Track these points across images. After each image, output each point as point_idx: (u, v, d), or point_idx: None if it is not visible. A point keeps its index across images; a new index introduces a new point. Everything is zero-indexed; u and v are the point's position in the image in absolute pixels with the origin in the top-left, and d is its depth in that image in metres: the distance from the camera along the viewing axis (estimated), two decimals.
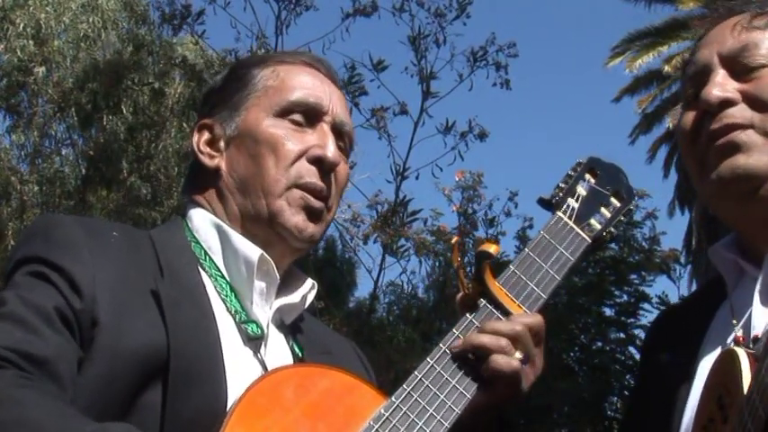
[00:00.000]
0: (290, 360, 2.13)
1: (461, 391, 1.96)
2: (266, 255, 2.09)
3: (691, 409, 1.97)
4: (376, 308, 17.93)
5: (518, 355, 1.98)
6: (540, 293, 2.11)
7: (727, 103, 2.00)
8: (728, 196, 2.02)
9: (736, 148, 1.98)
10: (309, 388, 1.92)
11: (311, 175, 2.15)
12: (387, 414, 1.90)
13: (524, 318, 2.03)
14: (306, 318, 2.27)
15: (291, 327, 2.20)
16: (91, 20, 17.73)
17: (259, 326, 2.06)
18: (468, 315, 2.06)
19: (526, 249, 2.16)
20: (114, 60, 17.34)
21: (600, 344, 18.30)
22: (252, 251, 2.09)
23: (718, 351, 1.97)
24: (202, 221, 2.17)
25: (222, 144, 2.21)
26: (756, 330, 1.90)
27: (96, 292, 1.89)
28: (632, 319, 18.13)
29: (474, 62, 15.48)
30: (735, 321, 1.98)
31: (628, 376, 17.03)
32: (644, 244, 18.29)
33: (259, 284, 2.09)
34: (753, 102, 2.00)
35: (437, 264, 16.85)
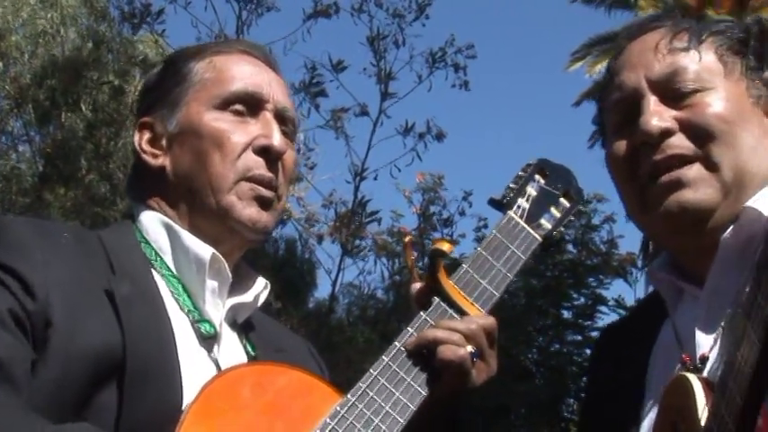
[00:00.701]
0: (243, 359, 2.12)
1: (416, 388, 1.97)
2: (218, 253, 2.07)
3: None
4: (335, 308, 17.94)
5: (469, 348, 1.99)
6: (493, 291, 2.12)
7: (666, 133, 1.97)
8: (676, 231, 2.00)
9: (682, 183, 1.95)
10: (266, 386, 1.92)
11: (259, 166, 2.12)
12: (343, 411, 1.90)
13: (480, 318, 2.04)
14: (259, 316, 2.25)
15: (244, 326, 2.19)
16: (49, 15, 17.58)
17: (212, 325, 2.05)
18: (422, 313, 2.06)
19: (479, 248, 2.17)
20: (73, 57, 17.21)
21: (557, 346, 18.42)
22: (203, 250, 2.07)
23: (666, 373, 1.96)
24: (151, 222, 2.13)
25: (164, 142, 2.17)
26: (702, 349, 1.90)
27: (49, 293, 1.85)
28: (589, 322, 18.27)
29: (433, 63, 15.56)
30: (679, 343, 1.97)
31: (584, 378, 17.13)
32: (602, 247, 18.45)
33: (211, 283, 2.07)
34: (691, 131, 1.97)
35: (395, 264, 16.89)
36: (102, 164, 17.15)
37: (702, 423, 1.62)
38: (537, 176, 2.31)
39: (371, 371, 1.97)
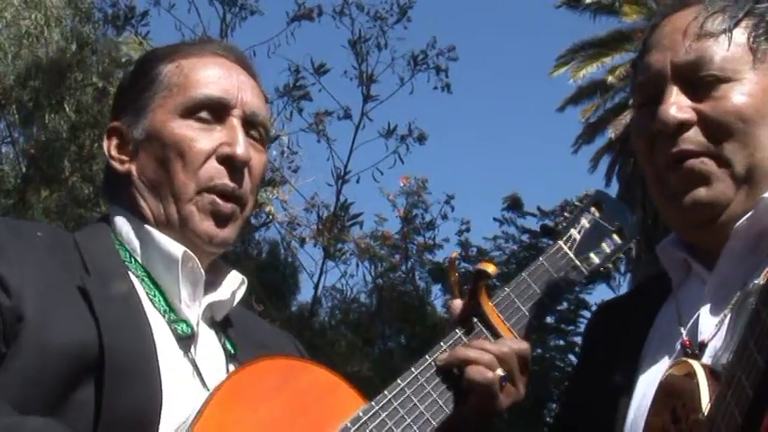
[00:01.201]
0: (222, 358, 2.11)
1: (441, 405, 1.98)
2: (189, 251, 2.06)
3: (634, 411, 1.97)
4: (317, 312, 17.91)
5: (500, 371, 1.99)
6: (531, 319, 2.12)
7: (683, 126, 1.96)
8: (689, 224, 2.02)
9: (697, 178, 1.96)
10: (292, 381, 1.92)
11: (221, 176, 2.10)
12: (365, 417, 1.91)
13: (513, 343, 2.05)
14: (239, 313, 2.24)
15: (223, 323, 2.18)
16: (33, 17, 17.48)
17: (189, 325, 2.04)
18: (457, 331, 2.07)
19: (523, 274, 2.18)
20: (57, 58, 17.13)
21: (540, 351, 18.45)
22: (175, 248, 2.06)
23: (663, 354, 1.98)
24: (124, 224, 2.12)
25: (131, 148, 2.16)
26: (703, 336, 1.91)
27: (23, 289, 1.85)
28: (572, 327, 18.34)
29: (415, 66, 15.56)
30: (681, 326, 1.98)
31: (567, 383, 17.17)
32: None
33: (185, 282, 2.06)
34: (708, 126, 1.96)
35: (377, 268, 16.87)
36: (85, 166, 17.07)
37: (705, 412, 1.62)
38: (593, 209, 2.31)
39: (399, 381, 1.98)
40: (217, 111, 2.14)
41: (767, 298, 1.44)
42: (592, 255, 2.26)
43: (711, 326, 1.91)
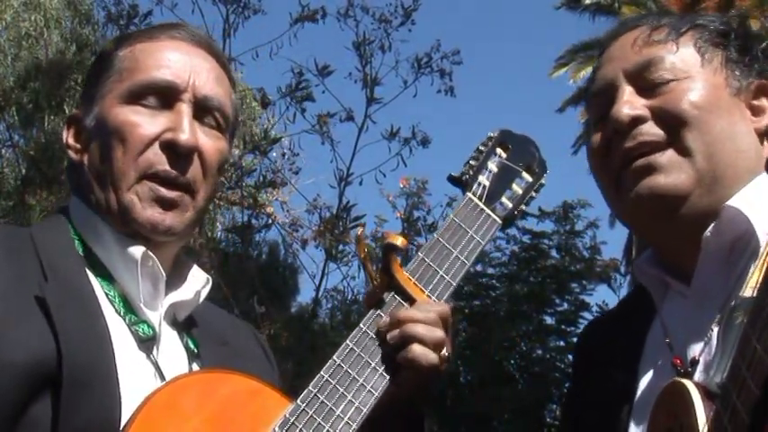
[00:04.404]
0: (184, 359, 2.05)
1: (369, 389, 1.92)
2: (149, 252, 1.99)
3: None
4: (318, 313, 17.92)
5: (445, 352, 1.95)
6: (450, 281, 2.05)
7: (637, 121, 1.98)
8: (647, 215, 1.99)
9: (654, 168, 1.95)
10: (211, 395, 1.87)
11: (162, 162, 2.01)
12: (293, 419, 1.86)
13: (435, 306, 1.99)
14: (201, 307, 2.17)
15: (185, 321, 2.12)
16: (33, 18, 17.50)
17: (150, 326, 1.98)
18: (375, 310, 2.01)
19: (435, 235, 2.10)
20: (57, 60, 17.14)
21: (540, 351, 18.47)
22: (133, 248, 2.00)
23: (657, 374, 1.96)
24: (83, 218, 2.06)
25: (84, 137, 2.09)
26: (693, 352, 1.88)
27: None
28: (572, 328, 18.34)
29: (418, 69, 15.57)
30: (669, 344, 1.95)
31: (567, 384, 17.18)
32: (585, 253, 18.51)
33: (145, 283, 2.00)
34: (662, 117, 1.97)
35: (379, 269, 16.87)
36: None
37: None
38: (498, 150, 2.23)
39: (322, 373, 1.92)
40: (164, 96, 2.06)
41: (756, 320, 1.42)
42: (504, 199, 2.18)
43: (700, 341, 1.89)
